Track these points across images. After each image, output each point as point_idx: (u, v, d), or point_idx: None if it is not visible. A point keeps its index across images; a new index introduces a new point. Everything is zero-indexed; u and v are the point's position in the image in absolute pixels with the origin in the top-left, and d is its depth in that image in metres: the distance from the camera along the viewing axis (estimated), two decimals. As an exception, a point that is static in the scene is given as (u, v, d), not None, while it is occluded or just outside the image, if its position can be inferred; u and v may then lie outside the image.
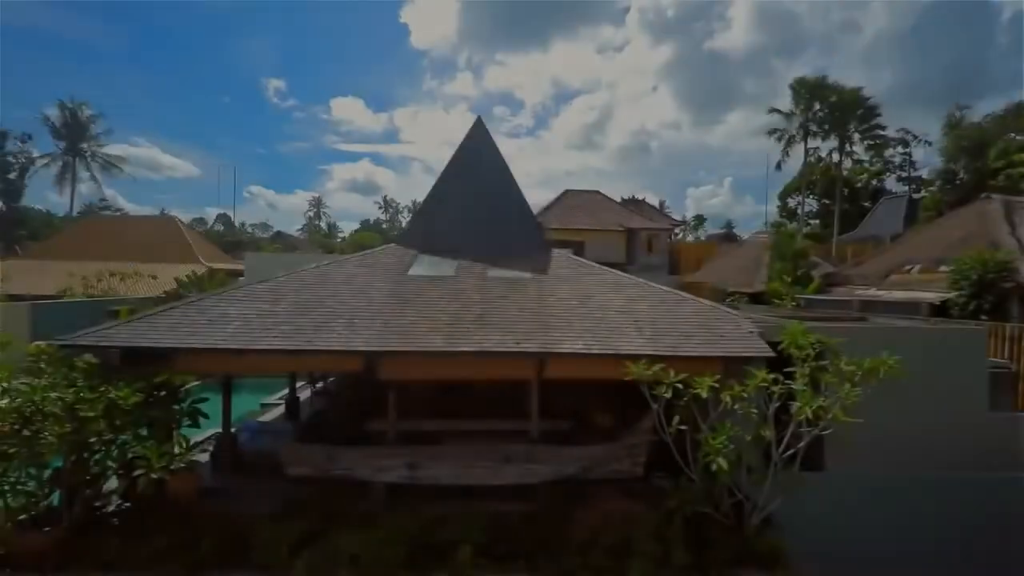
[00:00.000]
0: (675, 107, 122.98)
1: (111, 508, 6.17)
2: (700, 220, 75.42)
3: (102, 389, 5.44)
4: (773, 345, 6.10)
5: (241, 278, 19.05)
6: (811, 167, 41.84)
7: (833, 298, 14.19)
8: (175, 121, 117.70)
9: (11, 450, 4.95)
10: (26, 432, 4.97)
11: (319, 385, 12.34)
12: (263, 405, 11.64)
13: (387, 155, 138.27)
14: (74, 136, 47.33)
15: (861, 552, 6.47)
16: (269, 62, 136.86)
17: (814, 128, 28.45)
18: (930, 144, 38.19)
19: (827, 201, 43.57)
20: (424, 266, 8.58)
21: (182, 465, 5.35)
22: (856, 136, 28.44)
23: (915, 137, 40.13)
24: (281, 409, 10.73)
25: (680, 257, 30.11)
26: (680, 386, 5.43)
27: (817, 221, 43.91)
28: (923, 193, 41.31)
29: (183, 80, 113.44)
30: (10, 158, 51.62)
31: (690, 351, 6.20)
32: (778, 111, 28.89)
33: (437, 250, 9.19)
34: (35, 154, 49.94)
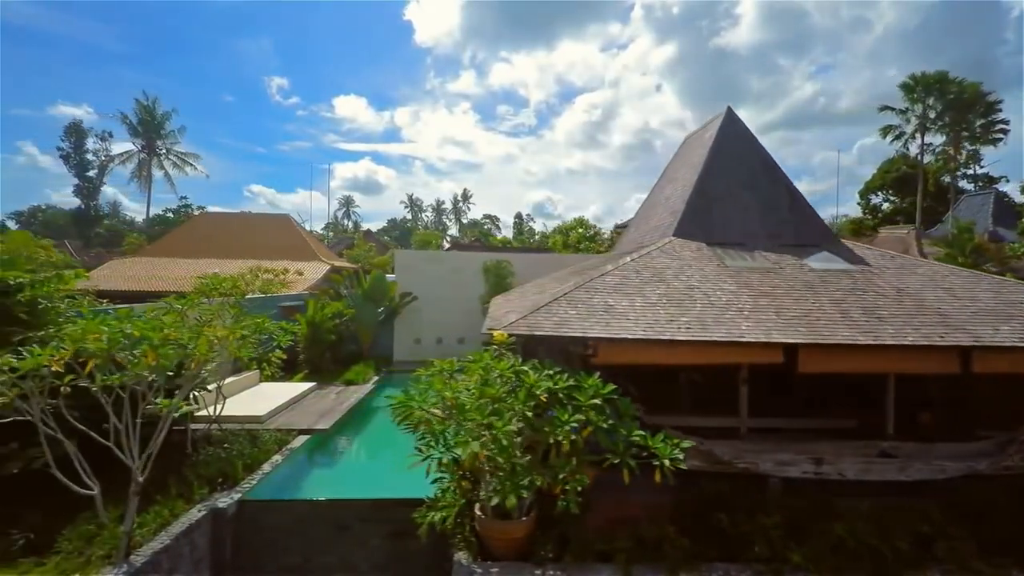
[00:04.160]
0: (679, 105, 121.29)
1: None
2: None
3: (570, 375, 5.44)
4: None
5: (391, 275, 19.20)
6: (896, 162, 41.09)
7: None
8: (175, 119, 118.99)
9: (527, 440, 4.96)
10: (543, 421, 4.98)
11: None
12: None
13: (388, 154, 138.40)
14: (151, 134, 48.40)
15: None
16: (272, 60, 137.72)
17: (929, 124, 27.58)
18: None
19: (895, 198, 42.67)
20: (732, 258, 8.43)
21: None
22: (978, 131, 27.47)
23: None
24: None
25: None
26: None
27: (898, 218, 42.88)
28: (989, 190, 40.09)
29: (184, 79, 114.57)
30: (90, 156, 53.52)
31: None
32: (890, 108, 28.12)
33: (720, 242, 9.05)
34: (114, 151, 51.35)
